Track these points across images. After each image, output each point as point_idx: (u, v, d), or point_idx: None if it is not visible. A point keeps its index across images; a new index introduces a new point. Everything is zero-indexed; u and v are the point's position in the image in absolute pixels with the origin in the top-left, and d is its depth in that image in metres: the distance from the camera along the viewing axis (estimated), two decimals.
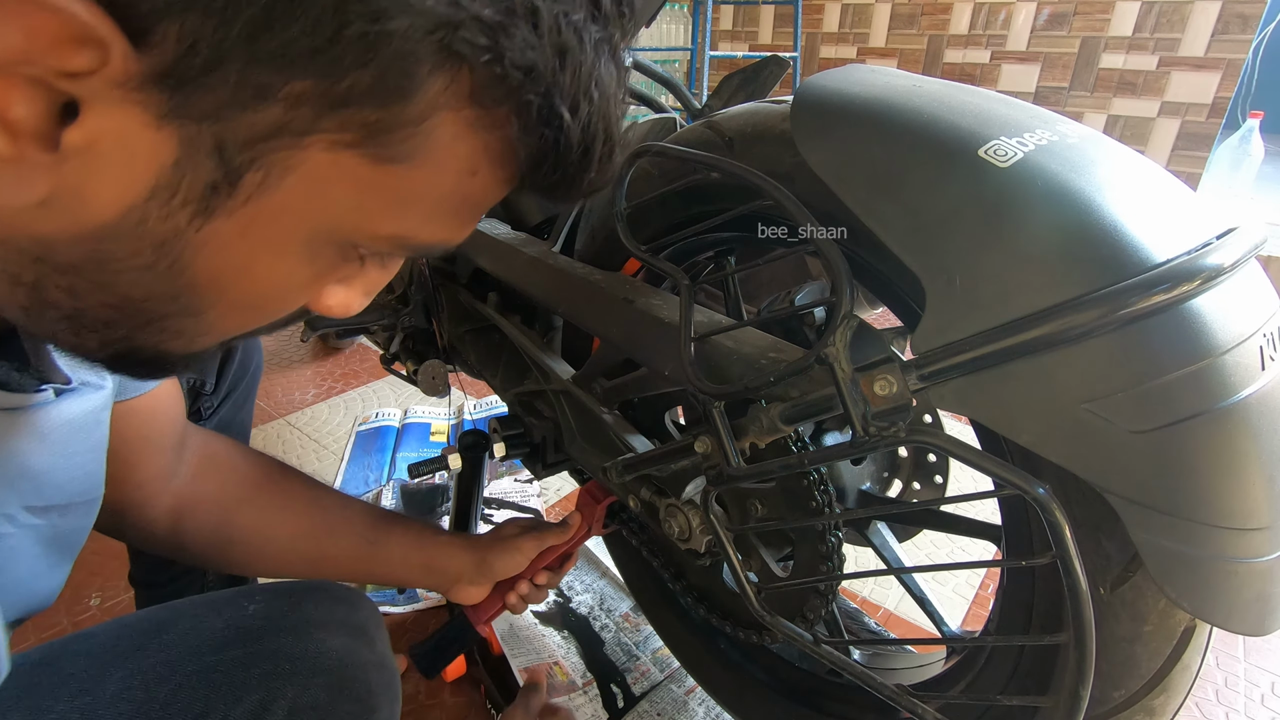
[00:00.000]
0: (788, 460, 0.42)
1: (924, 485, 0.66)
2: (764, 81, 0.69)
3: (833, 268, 0.36)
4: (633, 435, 0.59)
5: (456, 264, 0.83)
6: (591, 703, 0.88)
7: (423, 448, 1.41)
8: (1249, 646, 0.99)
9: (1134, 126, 2.38)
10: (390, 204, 0.27)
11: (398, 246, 0.29)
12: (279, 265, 0.27)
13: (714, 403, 0.44)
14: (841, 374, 0.36)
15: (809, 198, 0.41)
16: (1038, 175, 0.34)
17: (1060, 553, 0.32)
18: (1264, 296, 0.34)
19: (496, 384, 0.83)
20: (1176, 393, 0.31)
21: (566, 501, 1.27)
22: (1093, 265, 0.32)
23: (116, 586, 1.05)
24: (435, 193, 0.27)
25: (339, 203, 0.26)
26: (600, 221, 0.64)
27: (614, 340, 0.56)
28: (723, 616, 0.63)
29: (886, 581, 1.07)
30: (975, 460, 0.33)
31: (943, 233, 0.35)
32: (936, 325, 0.34)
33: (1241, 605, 0.33)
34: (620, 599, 1.03)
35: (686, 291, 0.45)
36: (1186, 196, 0.36)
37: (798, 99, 0.42)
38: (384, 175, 0.25)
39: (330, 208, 0.26)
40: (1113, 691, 0.40)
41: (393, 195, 0.26)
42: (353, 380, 1.68)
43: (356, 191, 0.25)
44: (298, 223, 0.26)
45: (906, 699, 0.40)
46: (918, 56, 2.78)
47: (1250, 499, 0.32)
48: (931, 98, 0.39)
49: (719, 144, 0.50)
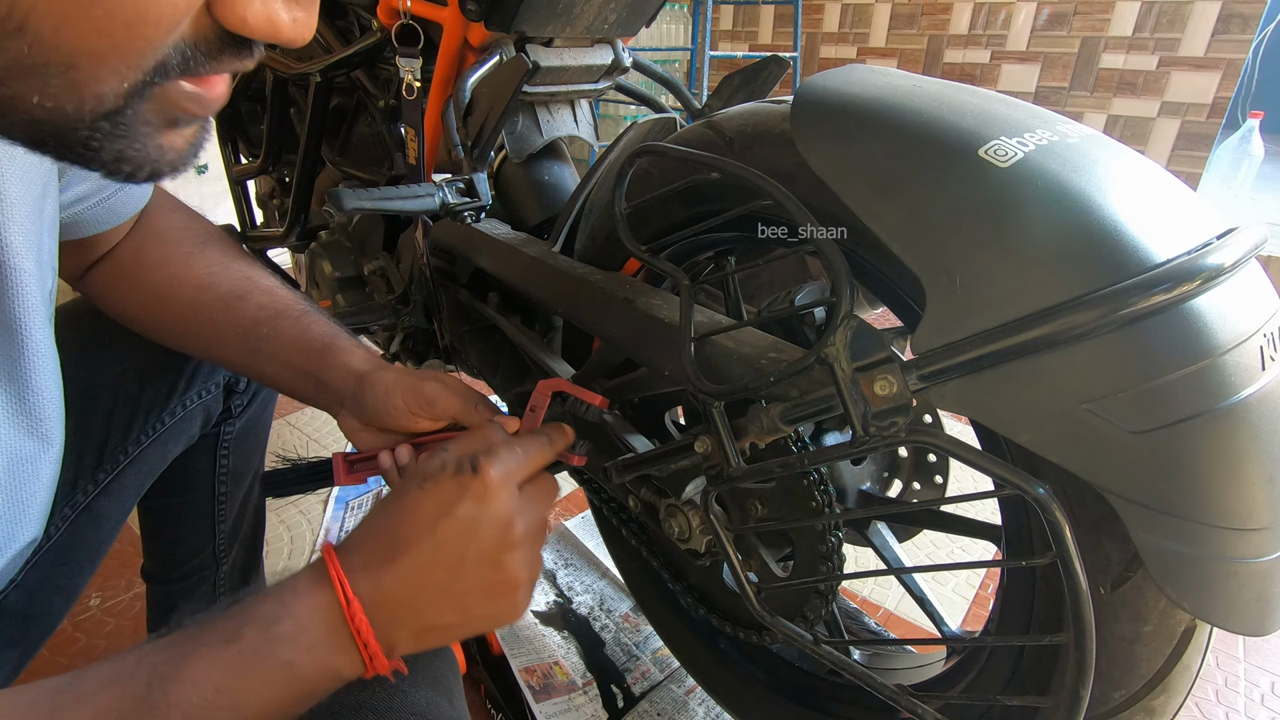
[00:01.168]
0: (788, 460, 0.42)
1: (924, 485, 0.66)
2: (764, 81, 0.69)
3: (833, 268, 0.36)
4: (633, 435, 0.59)
5: (456, 264, 0.83)
6: (591, 703, 0.88)
7: None
8: (1249, 646, 0.99)
9: (1134, 126, 2.38)
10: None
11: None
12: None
13: (714, 403, 0.44)
14: (841, 374, 0.36)
15: (809, 198, 0.41)
16: (1038, 175, 0.34)
17: (1060, 553, 0.32)
18: (1264, 296, 0.34)
19: (496, 384, 0.83)
20: (1176, 393, 0.31)
21: (567, 501, 1.27)
22: (1093, 265, 0.32)
23: (117, 586, 1.05)
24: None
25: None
26: (600, 221, 0.64)
27: (614, 340, 0.56)
28: (723, 616, 0.63)
29: (886, 581, 1.07)
30: (975, 460, 0.33)
31: (943, 232, 0.35)
32: (936, 325, 0.34)
33: (1241, 605, 0.33)
34: (620, 599, 1.03)
35: (686, 291, 0.45)
36: (1186, 196, 0.36)
37: (798, 99, 0.42)
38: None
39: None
40: (1113, 691, 0.40)
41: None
42: None
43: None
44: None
45: (906, 699, 0.40)
46: (918, 56, 2.78)
47: (1250, 499, 0.32)
48: (931, 98, 0.39)
49: (719, 144, 0.50)
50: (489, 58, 0.73)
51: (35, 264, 0.44)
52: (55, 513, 0.61)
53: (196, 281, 0.59)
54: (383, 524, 0.40)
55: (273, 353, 0.57)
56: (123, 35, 0.23)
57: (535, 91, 0.75)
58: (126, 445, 0.66)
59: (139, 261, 0.60)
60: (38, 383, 0.45)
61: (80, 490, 0.63)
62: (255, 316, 0.58)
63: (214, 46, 0.26)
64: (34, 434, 0.46)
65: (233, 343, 0.58)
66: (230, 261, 0.62)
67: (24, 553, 0.49)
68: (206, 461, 0.78)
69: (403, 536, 0.39)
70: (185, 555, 0.81)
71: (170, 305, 0.59)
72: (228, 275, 0.60)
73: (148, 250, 0.60)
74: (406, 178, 0.85)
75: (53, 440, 0.49)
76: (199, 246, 0.62)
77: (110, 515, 0.66)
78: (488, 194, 0.71)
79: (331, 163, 1.02)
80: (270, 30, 0.26)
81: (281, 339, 0.57)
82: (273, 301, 0.59)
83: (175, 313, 0.59)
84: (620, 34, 0.77)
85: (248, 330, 0.58)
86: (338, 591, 0.37)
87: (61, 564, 0.62)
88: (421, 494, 0.40)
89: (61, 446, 0.50)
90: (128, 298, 0.60)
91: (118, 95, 0.25)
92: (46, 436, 0.48)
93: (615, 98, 2.51)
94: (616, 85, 0.84)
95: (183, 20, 0.24)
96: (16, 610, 0.58)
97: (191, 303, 0.59)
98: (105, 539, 0.67)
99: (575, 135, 0.81)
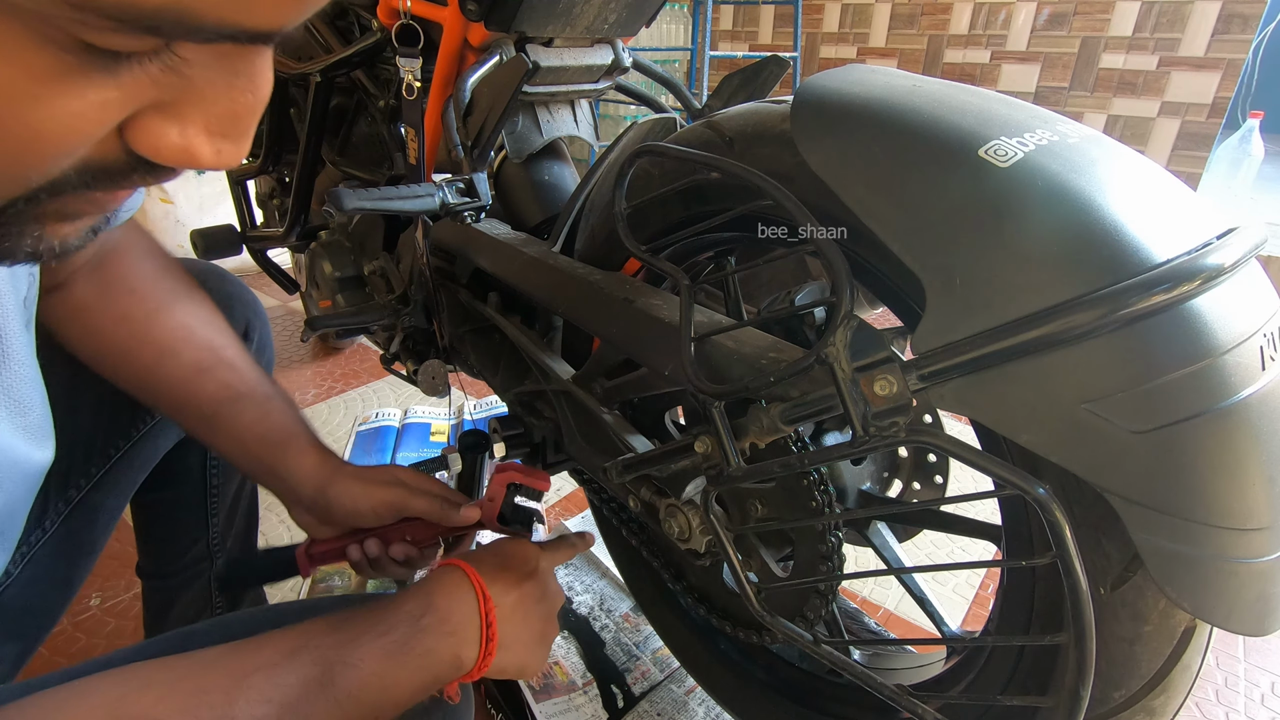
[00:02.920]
0: (788, 460, 0.42)
1: (924, 485, 0.66)
2: (764, 81, 0.69)
3: (833, 268, 0.36)
4: (633, 435, 0.59)
5: (456, 264, 0.83)
6: (591, 703, 0.87)
7: (423, 448, 1.41)
8: (1249, 646, 0.99)
9: (1134, 126, 2.38)
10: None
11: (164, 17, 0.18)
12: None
13: (714, 403, 0.44)
14: (841, 374, 0.36)
15: (809, 198, 0.41)
16: (1038, 175, 0.34)
17: (1060, 553, 0.32)
18: (1264, 296, 0.34)
19: (496, 384, 0.83)
20: (1177, 393, 0.31)
21: (567, 501, 1.27)
22: (1093, 265, 0.32)
23: (117, 586, 1.05)
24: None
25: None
26: (600, 221, 0.64)
27: (614, 340, 0.56)
28: (723, 616, 0.63)
29: (886, 581, 1.07)
30: (975, 460, 0.33)
31: (943, 233, 0.35)
32: (936, 325, 0.34)
33: (1241, 605, 0.33)
34: (620, 599, 1.03)
35: (686, 291, 0.45)
36: (1186, 196, 0.36)
37: (798, 99, 0.42)
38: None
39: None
40: (1113, 692, 0.40)
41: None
42: (353, 380, 1.68)
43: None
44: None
45: (906, 699, 0.40)
46: (918, 56, 2.78)
47: (1250, 499, 0.32)
48: (931, 98, 0.39)
49: (719, 144, 0.50)
50: (489, 58, 0.73)
51: (8, 271, 0.44)
52: (50, 507, 0.61)
53: (158, 346, 0.58)
54: (501, 563, 0.52)
55: (231, 434, 0.58)
56: (4, 163, 0.20)
57: (535, 91, 0.75)
58: (117, 440, 0.66)
59: (103, 311, 0.57)
60: (20, 391, 0.46)
61: (73, 485, 0.63)
62: (216, 395, 0.58)
63: (123, 168, 0.22)
64: (27, 438, 0.46)
65: (190, 415, 0.58)
66: (197, 327, 0.60)
67: (3, 558, 0.49)
68: (197, 455, 0.79)
69: (518, 579, 0.51)
70: (180, 550, 0.82)
71: (130, 365, 0.58)
72: (192, 344, 0.59)
73: (113, 301, 0.58)
74: (406, 178, 0.85)
75: (45, 446, 0.49)
76: (166, 304, 0.60)
77: (105, 509, 0.67)
78: (488, 194, 0.71)
79: (331, 163, 1.02)
80: (188, 161, 0.22)
81: (241, 423, 0.58)
82: (237, 381, 0.59)
83: (133, 373, 0.58)
84: (620, 34, 0.77)
85: (207, 408, 0.58)
86: (478, 592, 0.47)
87: (58, 558, 0.62)
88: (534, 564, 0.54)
89: (51, 453, 0.50)
90: (84, 343, 0.58)
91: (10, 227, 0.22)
92: (39, 443, 0.48)
93: (615, 98, 2.51)
94: (616, 85, 0.84)
95: (80, 149, 0.21)
96: (15, 605, 0.58)
97: (151, 368, 0.58)
98: (101, 533, 0.67)
99: (575, 135, 0.81)
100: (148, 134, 0.21)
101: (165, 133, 0.22)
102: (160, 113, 0.21)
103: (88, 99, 0.19)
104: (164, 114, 0.21)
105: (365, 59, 0.87)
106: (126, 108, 0.20)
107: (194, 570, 0.83)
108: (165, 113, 0.21)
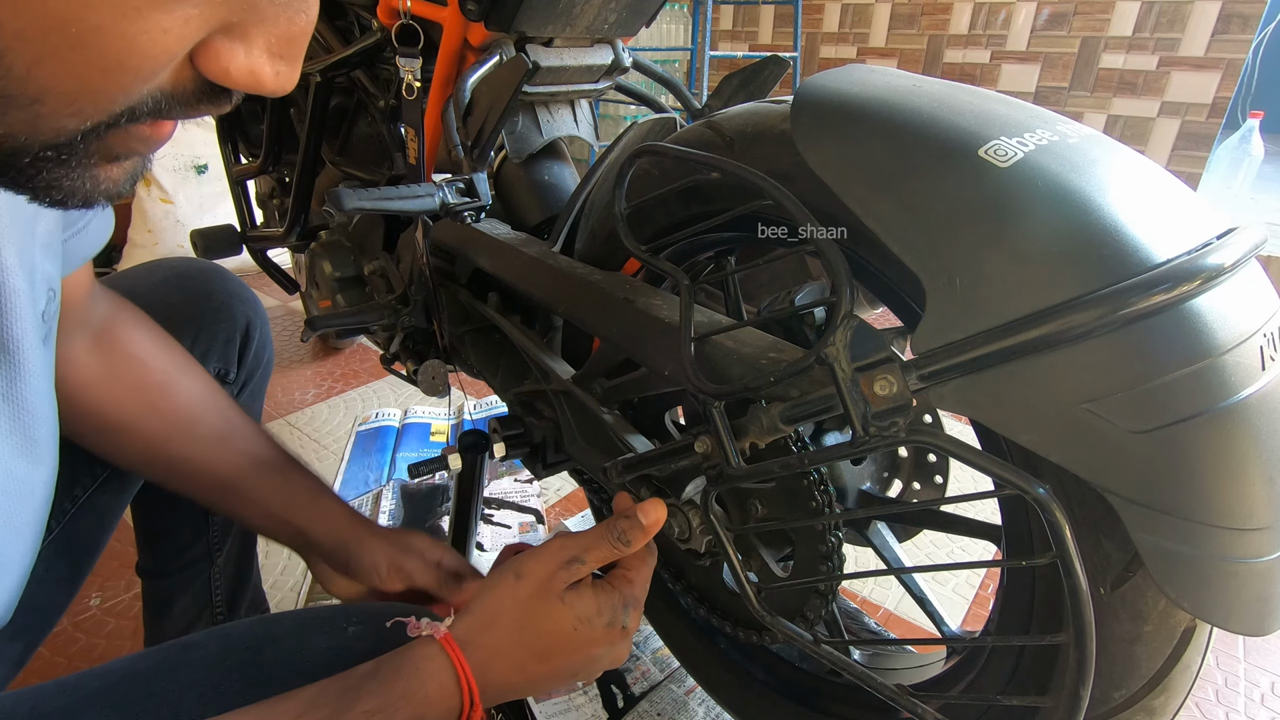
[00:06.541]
0: (788, 460, 0.42)
1: (924, 485, 0.66)
2: (764, 81, 0.69)
3: (833, 268, 0.36)
4: (633, 435, 0.59)
5: (456, 264, 0.83)
6: (591, 703, 0.88)
7: (423, 448, 1.41)
8: (1249, 646, 0.99)
9: (1134, 126, 2.38)
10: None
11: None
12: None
13: (714, 403, 0.44)
14: (841, 374, 0.36)
15: (809, 198, 0.41)
16: (1038, 175, 0.34)
17: (1060, 553, 0.32)
18: (1264, 296, 0.34)
19: (496, 384, 0.83)
20: (1177, 393, 0.31)
21: (567, 501, 1.27)
22: (1093, 265, 0.32)
23: (117, 586, 1.05)
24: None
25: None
26: (600, 221, 0.64)
27: (614, 340, 0.56)
28: (723, 616, 0.63)
29: (886, 581, 1.07)
30: (975, 460, 0.33)
31: (943, 232, 0.35)
32: (937, 325, 0.34)
33: (1241, 605, 0.33)
34: None
35: (686, 291, 0.45)
36: (1187, 196, 0.36)
37: (798, 99, 0.42)
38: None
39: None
40: (1113, 691, 0.40)
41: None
42: (353, 380, 1.68)
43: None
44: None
45: (906, 699, 0.40)
46: (918, 56, 2.78)
47: (1250, 499, 0.32)
48: (931, 98, 0.39)
49: (719, 144, 0.50)
50: (489, 58, 0.73)
51: (28, 283, 0.44)
52: (54, 509, 0.61)
53: (175, 415, 0.59)
54: (521, 630, 0.47)
55: (257, 501, 0.60)
56: (98, 80, 0.22)
57: (535, 91, 0.75)
58: None
59: (114, 382, 0.58)
60: (32, 404, 0.45)
61: (79, 485, 0.63)
62: (239, 464, 0.60)
63: (191, 95, 0.25)
64: (28, 455, 0.46)
65: (208, 485, 0.60)
66: (209, 396, 0.62)
67: (22, 577, 0.49)
68: None
69: (541, 650, 0.47)
70: (179, 549, 0.82)
71: (141, 438, 0.59)
72: (212, 412, 0.61)
73: (124, 372, 0.58)
74: (406, 178, 0.85)
75: (45, 462, 0.49)
76: (176, 373, 0.61)
77: (108, 509, 0.67)
78: (488, 194, 0.71)
79: (331, 163, 1.02)
80: (253, 83, 0.25)
81: (268, 488, 0.60)
82: (259, 448, 0.61)
83: (144, 445, 0.59)
84: (620, 34, 0.77)
85: (231, 477, 0.59)
86: (462, 683, 0.43)
87: (61, 556, 0.62)
88: (574, 619, 0.47)
89: (55, 468, 0.50)
90: (83, 422, 0.58)
91: (76, 132, 0.24)
92: (40, 458, 0.48)
93: (615, 98, 2.51)
94: (616, 85, 0.84)
95: (163, 70, 0.23)
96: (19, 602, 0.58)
97: (164, 439, 0.59)
98: (104, 532, 0.67)
99: (575, 135, 0.81)
100: (218, 56, 0.24)
101: (234, 54, 0.24)
102: (228, 35, 0.24)
103: (175, 14, 0.21)
104: (231, 36, 0.24)
105: (365, 59, 0.87)
106: (204, 27, 0.23)
107: (193, 570, 0.83)
108: (232, 35, 0.24)
